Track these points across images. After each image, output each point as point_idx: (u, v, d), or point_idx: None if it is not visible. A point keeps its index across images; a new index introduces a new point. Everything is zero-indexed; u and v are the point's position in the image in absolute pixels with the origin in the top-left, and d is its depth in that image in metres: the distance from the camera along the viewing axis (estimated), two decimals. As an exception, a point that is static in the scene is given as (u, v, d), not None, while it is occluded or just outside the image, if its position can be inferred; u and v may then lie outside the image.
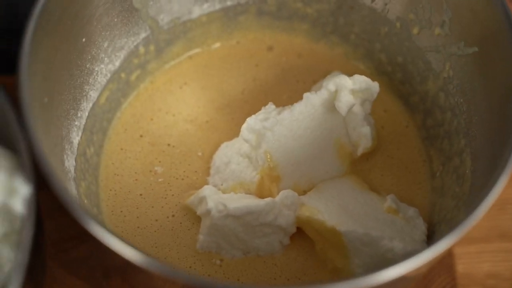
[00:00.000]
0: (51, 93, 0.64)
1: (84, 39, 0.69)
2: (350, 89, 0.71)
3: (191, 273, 0.66)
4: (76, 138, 0.70)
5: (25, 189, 0.54)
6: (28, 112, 0.56)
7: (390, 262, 0.58)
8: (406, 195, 0.73)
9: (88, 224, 0.54)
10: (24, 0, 0.73)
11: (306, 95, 0.71)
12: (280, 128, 0.70)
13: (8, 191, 0.54)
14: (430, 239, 0.69)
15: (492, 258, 0.78)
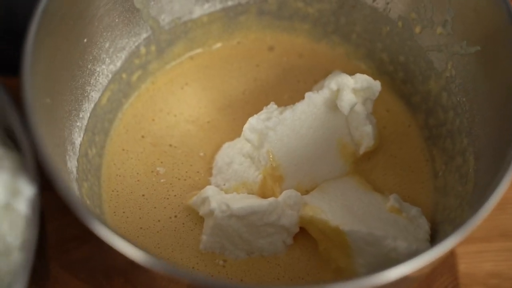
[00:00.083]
0: (53, 94, 0.64)
1: (86, 40, 0.69)
2: (352, 88, 0.71)
3: (196, 273, 0.66)
4: (78, 139, 0.70)
5: (29, 190, 0.54)
6: (31, 113, 0.56)
7: (394, 262, 0.58)
8: (409, 195, 0.73)
9: (92, 224, 0.54)
10: (24, 1, 0.73)
11: (308, 95, 0.71)
12: (283, 128, 0.70)
13: (12, 192, 0.54)
14: (433, 239, 0.68)
15: (494, 258, 0.78)
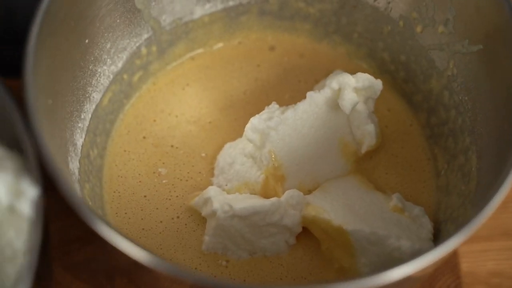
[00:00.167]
0: (55, 95, 0.64)
1: (87, 40, 0.69)
2: (354, 87, 0.71)
3: (200, 273, 0.66)
4: (80, 140, 0.70)
5: (33, 191, 0.53)
6: (34, 114, 0.56)
7: (397, 261, 0.58)
8: (411, 194, 0.73)
9: (96, 225, 0.54)
10: (24, 2, 0.73)
11: (310, 94, 0.71)
12: (284, 128, 0.70)
13: (15, 193, 0.54)
14: (436, 238, 0.68)
15: (496, 257, 0.78)
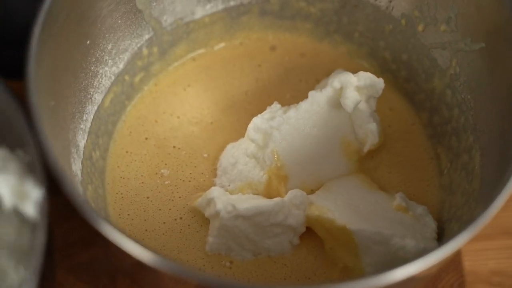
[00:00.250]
0: (57, 96, 0.64)
1: (89, 41, 0.69)
2: (355, 86, 0.71)
3: (204, 274, 0.66)
4: (82, 142, 0.69)
5: (37, 193, 0.53)
6: (37, 115, 0.56)
7: (402, 260, 0.58)
8: (414, 193, 0.73)
9: (101, 226, 0.53)
10: (21, 5, 0.73)
11: (311, 93, 0.71)
12: (287, 127, 0.70)
13: (19, 195, 0.53)
14: (440, 237, 0.68)
15: (497, 256, 0.78)
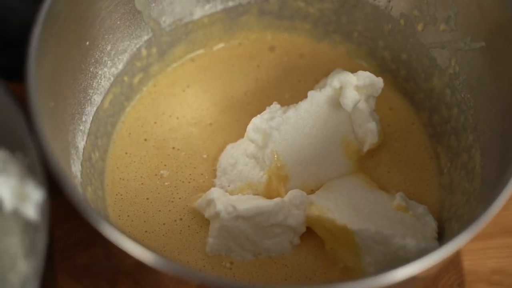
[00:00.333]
0: (57, 97, 0.64)
1: (88, 43, 0.69)
2: (355, 85, 0.71)
3: (205, 274, 0.66)
4: (82, 143, 0.69)
5: (38, 194, 0.53)
6: (38, 116, 0.55)
7: (402, 260, 0.58)
8: (414, 192, 0.73)
9: (102, 226, 0.53)
10: (17, 9, 0.73)
11: (311, 93, 0.71)
12: (286, 127, 0.70)
13: (20, 197, 0.53)
14: (440, 236, 0.68)
15: (497, 255, 0.78)
